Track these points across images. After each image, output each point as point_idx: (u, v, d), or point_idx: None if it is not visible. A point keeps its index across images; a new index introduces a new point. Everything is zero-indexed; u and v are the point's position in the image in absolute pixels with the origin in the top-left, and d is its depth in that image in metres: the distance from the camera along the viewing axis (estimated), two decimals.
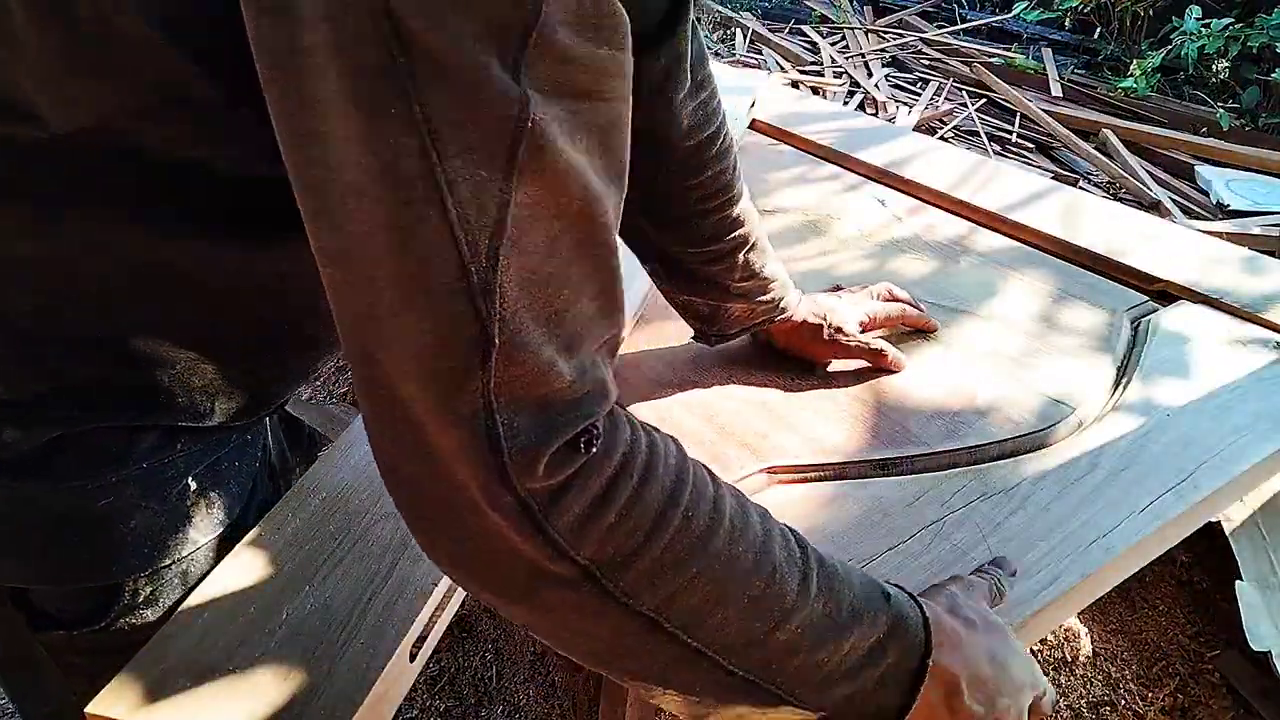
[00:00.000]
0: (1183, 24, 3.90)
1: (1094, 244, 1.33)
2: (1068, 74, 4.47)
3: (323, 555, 0.76)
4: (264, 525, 0.79)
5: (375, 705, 0.66)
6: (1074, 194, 1.50)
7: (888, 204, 1.46)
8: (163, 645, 0.68)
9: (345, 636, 0.69)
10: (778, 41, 4.89)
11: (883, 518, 0.84)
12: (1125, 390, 1.03)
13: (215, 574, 0.74)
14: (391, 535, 0.77)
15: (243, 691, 0.65)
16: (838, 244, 1.33)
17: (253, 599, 0.72)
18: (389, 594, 0.72)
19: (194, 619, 0.70)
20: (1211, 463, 0.92)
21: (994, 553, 0.80)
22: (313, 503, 0.81)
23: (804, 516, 0.84)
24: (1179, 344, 1.11)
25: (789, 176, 1.55)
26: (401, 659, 0.69)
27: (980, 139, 3.79)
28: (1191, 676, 1.54)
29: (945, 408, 0.99)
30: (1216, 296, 1.21)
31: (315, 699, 0.65)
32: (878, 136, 1.71)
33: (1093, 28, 4.71)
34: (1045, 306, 1.19)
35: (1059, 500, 0.86)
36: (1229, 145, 3.63)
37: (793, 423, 0.95)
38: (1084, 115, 3.97)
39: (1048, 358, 1.08)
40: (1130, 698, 1.48)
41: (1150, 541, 0.84)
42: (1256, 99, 3.96)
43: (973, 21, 5.11)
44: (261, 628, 0.70)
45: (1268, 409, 1.00)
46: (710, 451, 0.90)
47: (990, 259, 1.31)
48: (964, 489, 0.88)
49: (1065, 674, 1.48)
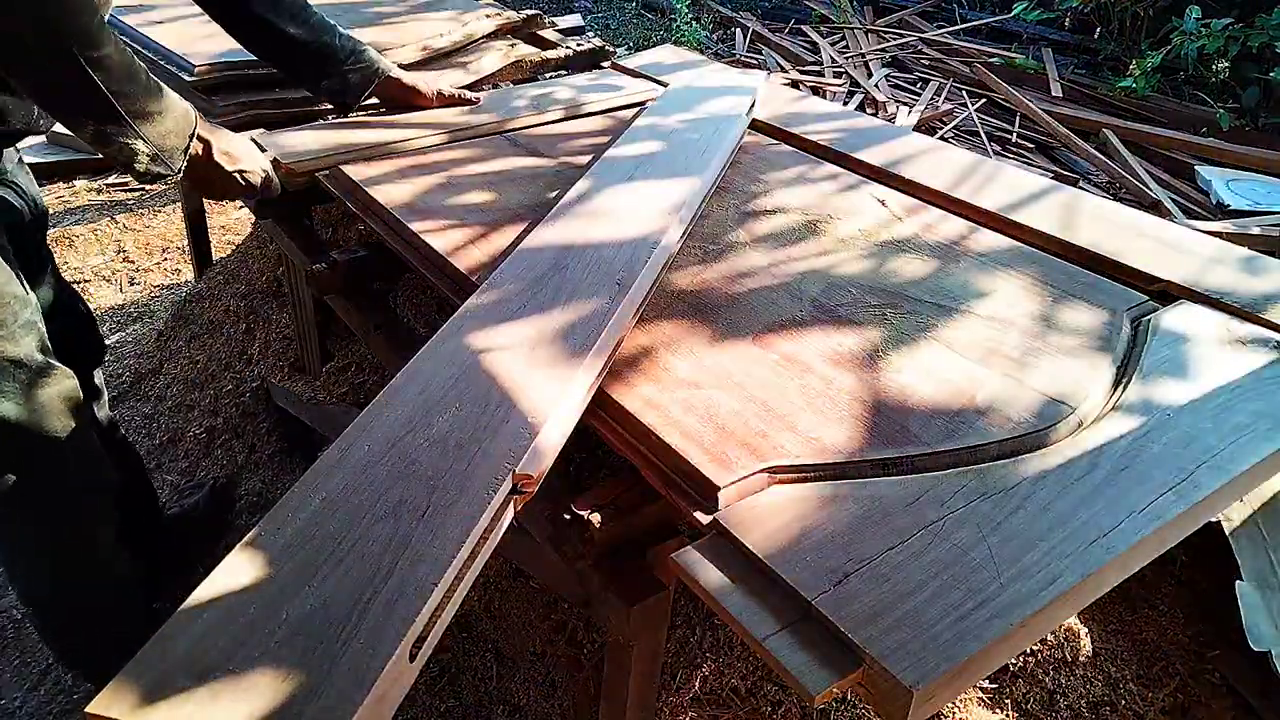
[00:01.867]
0: (1183, 24, 3.90)
1: (1096, 243, 1.33)
2: (1068, 74, 4.47)
3: (323, 555, 0.76)
4: (264, 526, 0.78)
5: (375, 705, 0.66)
6: (1074, 194, 1.50)
7: (888, 204, 1.46)
8: (162, 645, 0.68)
9: (345, 637, 0.69)
10: (778, 41, 4.89)
11: (883, 517, 0.84)
12: (1125, 390, 1.03)
13: (215, 574, 0.74)
14: (391, 535, 0.77)
15: (242, 692, 0.65)
16: (838, 244, 1.33)
17: (253, 599, 0.72)
18: (389, 594, 0.72)
19: (194, 619, 0.70)
20: (1211, 463, 0.92)
21: (994, 553, 0.80)
22: (313, 503, 0.81)
23: (804, 516, 0.84)
24: (1179, 344, 1.11)
25: (789, 176, 1.55)
26: (401, 659, 0.69)
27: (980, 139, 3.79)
28: (1191, 676, 1.54)
29: (945, 407, 0.99)
30: (1216, 296, 1.21)
31: (315, 699, 0.64)
32: (878, 136, 1.71)
33: (1093, 28, 4.70)
34: (1045, 306, 1.19)
35: (1059, 500, 0.86)
36: (1229, 145, 3.63)
37: (793, 423, 0.95)
38: (1084, 115, 3.96)
39: (1048, 358, 1.08)
40: (1130, 698, 1.48)
41: (1150, 541, 0.84)
42: (1256, 99, 3.96)
43: (973, 21, 5.10)
44: (261, 628, 0.69)
45: (1268, 409, 1.00)
46: (710, 451, 0.90)
47: (990, 259, 1.30)
48: (964, 489, 0.87)
49: (1065, 674, 1.48)
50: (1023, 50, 4.69)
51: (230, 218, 3.42)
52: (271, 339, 2.13)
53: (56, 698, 1.65)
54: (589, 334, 1.02)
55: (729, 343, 1.09)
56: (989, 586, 0.76)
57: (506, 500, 0.84)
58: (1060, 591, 0.76)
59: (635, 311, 1.12)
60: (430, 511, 0.79)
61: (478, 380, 0.95)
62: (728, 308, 1.17)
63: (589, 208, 1.32)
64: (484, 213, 1.37)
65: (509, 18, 2.25)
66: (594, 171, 1.45)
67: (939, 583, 0.77)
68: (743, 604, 0.77)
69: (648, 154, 1.51)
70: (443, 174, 1.50)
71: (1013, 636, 0.74)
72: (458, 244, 1.28)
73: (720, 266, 1.26)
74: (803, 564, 0.78)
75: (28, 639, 1.74)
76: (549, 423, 0.89)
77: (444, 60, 2.05)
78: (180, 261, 3.12)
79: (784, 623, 0.75)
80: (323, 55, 1.58)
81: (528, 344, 1.01)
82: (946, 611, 0.74)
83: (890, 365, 1.06)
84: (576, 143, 1.66)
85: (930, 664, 0.69)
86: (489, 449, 0.86)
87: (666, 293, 1.20)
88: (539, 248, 1.21)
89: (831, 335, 1.11)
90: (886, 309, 1.17)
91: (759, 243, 1.33)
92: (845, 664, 0.71)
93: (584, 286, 1.11)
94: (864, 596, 0.75)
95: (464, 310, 1.08)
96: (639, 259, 1.16)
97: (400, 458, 0.85)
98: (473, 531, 0.78)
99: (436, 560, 0.75)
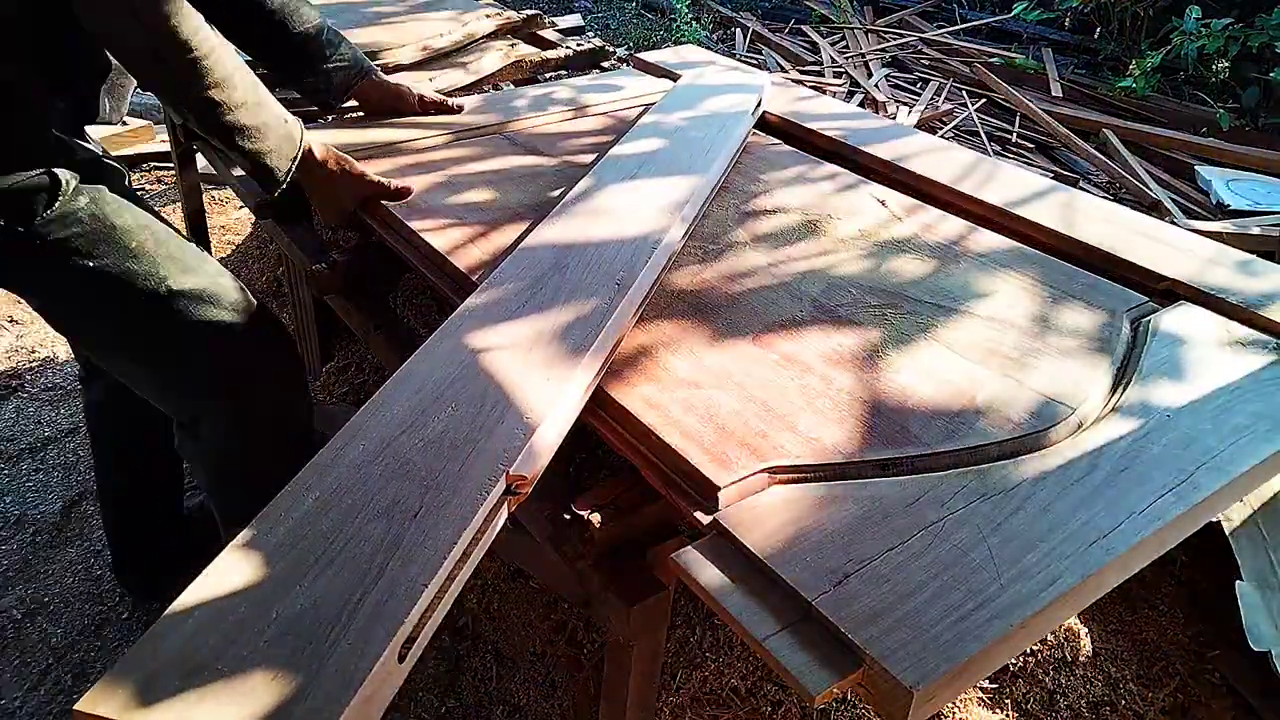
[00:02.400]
0: (1182, 24, 3.90)
1: (1102, 241, 1.33)
2: (1068, 74, 4.46)
3: (314, 555, 0.75)
4: (257, 524, 0.78)
5: (363, 706, 0.65)
6: (1075, 193, 1.50)
7: (888, 204, 1.45)
8: (152, 644, 0.68)
9: (334, 637, 0.68)
10: (778, 41, 4.89)
11: (883, 518, 0.83)
12: (1125, 391, 1.02)
13: (207, 573, 0.73)
14: (383, 535, 0.77)
15: (231, 691, 0.64)
16: (838, 244, 1.33)
17: (244, 598, 0.71)
18: (379, 594, 0.72)
19: (184, 618, 0.70)
20: (1211, 463, 0.91)
21: (994, 553, 0.80)
22: (306, 502, 0.80)
23: (804, 516, 0.84)
24: (1179, 345, 1.11)
25: (789, 176, 1.55)
26: (390, 660, 0.68)
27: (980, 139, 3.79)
28: (1191, 676, 1.53)
29: (945, 408, 0.98)
30: (1220, 296, 1.21)
31: (303, 699, 0.64)
32: (888, 134, 1.71)
33: (1093, 28, 4.70)
34: (1045, 307, 1.19)
35: (1059, 501, 0.86)
36: (1229, 145, 3.63)
37: (793, 423, 0.95)
38: (1084, 115, 3.96)
39: (1047, 358, 1.08)
40: (1130, 698, 1.48)
41: (1150, 542, 0.83)
42: (1256, 99, 3.95)
43: (973, 21, 5.10)
44: (251, 628, 0.69)
45: (1268, 409, 1.00)
46: (710, 451, 0.90)
47: (990, 259, 1.30)
48: (964, 489, 0.87)
49: (1065, 674, 1.47)
50: (1023, 50, 4.68)
51: (230, 218, 3.42)
52: None
53: (56, 698, 1.65)
54: (588, 334, 1.01)
55: (729, 342, 1.09)
56: (989, 587, 0.76)
57: (500, 501, 0.83)
58: (1060, 592, 0.76)
59: (635, 311, 1.12)
60: (423, 512, 0.79)
61: (475, 380, 0.95)
62: (728, 307, 1.16)
63: (590, 206, 1.32)
64: (484, 212, 1.37)
65: (509, 18, 2.25)
66: (596, 170, 1.44)
67: (939, 583, 0.76)
68: (743, 604, 0.76)
69: (650, 152, 1.50)
70: (443, 173, 1.49)
71: (1013, 637, 0.74)
72: (457, 243, 1.28)
73: (720, 266, 1.26)
74: (803, 564, 0.78)
75: (28, 639, 1.74)
76: (545, 423, 0.89)
77: (444, 60, 2.05)
78: None
79: (784, 623, 0.75)
80: (304, 44, 1.53)
81: (526, 344, 1.01)
82: (947, 612, 0.74)
83: (890, 365, 1.05)
84: (578, 141, 1.65)
85: (930, 664, 0.69)
86: (484, 449, 0.86)
87: (666, 292, 1.19)
88: (539, 247, 1.21)
89: (831, 335, 1.11)
90: (886, 309, 1.16)
91: (759, 242, 1.33)
92: (845, 664, 0.71)
93: (584, 286, 1.11)
94: (864, 597, 0.75)
95: (462, 310, 1.08)
96: (639, 258, 1.16)
97: (395, 457, 0.85)
98: (465, 532, 0.78)
99: (428, 561, 0.74)
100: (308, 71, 1.57)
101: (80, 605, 1.81)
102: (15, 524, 1.99)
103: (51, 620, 1.79)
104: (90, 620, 1.79)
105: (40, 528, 1.98)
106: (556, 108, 1.79)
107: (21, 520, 2.00)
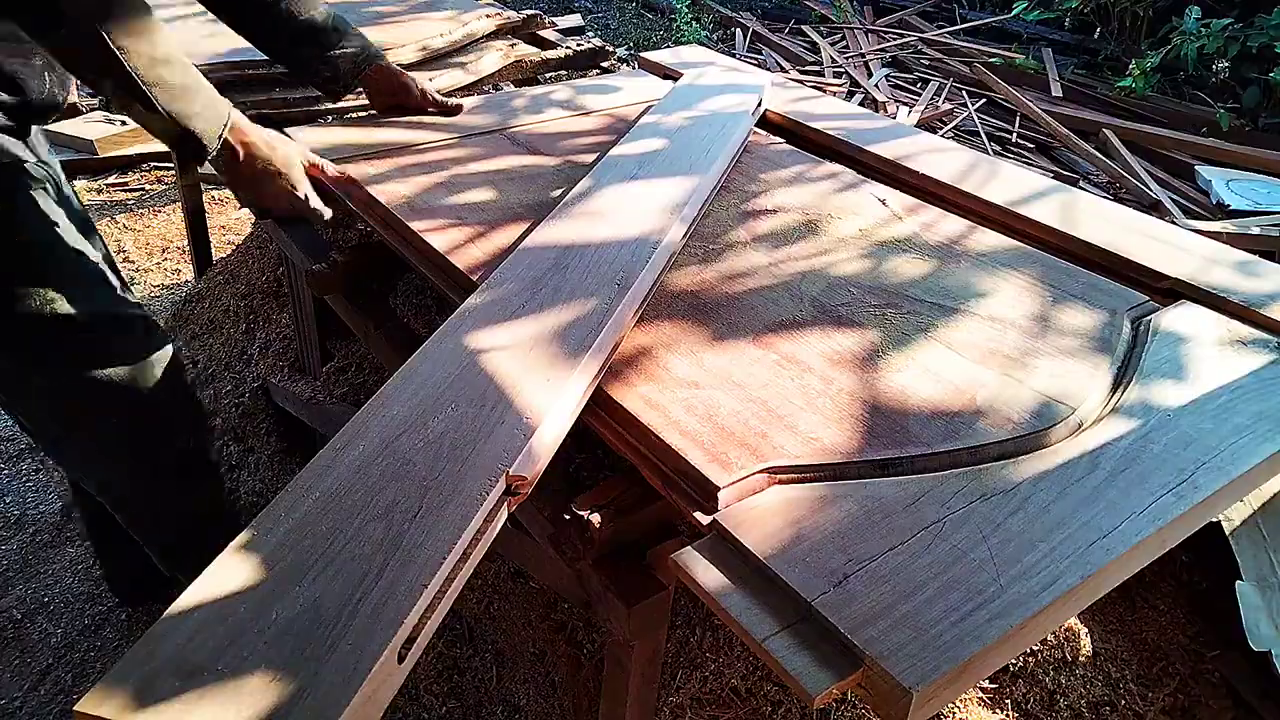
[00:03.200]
0: (1182, 24, 3.90)
1: (1104, 240, 1.33)
2: (1068, 74, 4.46)
3: (314, 555, 0.75)
4: (257, 524, 0.78)
5: (363, 706, 0.65)
6: (1076, 192, 1.50)
7: (888, 203, 1.45)
8: (151, 645, 0.67)
9: (334, 637, 0.68)
10: (778, 41, 4.88)
11: (883, 518, 0.83)
12: (1125, 390, 1.02)
13: (207, 573, 0.73)
14: (383, 537, 0.77)
15: (230, 692, 0.64)
16: (837, 243, 1.33)
17: (243, 599, 0.71)
18: (379, 595, 0.72)
19: (184, 619, 0.69)
20: (1211, 463, 0.91)
21: (994, 554, 0.80)
22: (306, 503, 0.80)
23: (804, 516, 0.84)
24: (1179, 344, 1.11)
25: (788, 175, 1.55)
26: (390, 660, 0.68)
27: (980, 139, 3.79)
28: (1191, 676, 1.53)
29: (945, 408, 0.98)
30: (1222, 295, 1.21)
31: (303, 700, 0.64)
32: (881, 134, 1.71)
33: (1093, 28, 4.70)
34: (1045, 306, 1.19)
35: (1059, 501, 0.86)
36: (1229, 145, 3.63)
37: (792, 423, 0.95)
38: (1084, 115, 3.96)
39: (1048, 357, 1.08)
40: (1130, 698, 1.48)
41: (1150, 542, 0.83)
42: (1256, 99, 3.95)
43: (973, 21, 5.10)
44: (251, 628, 0.69)
45: (1268, 409, 1.00)
46: (710, 452, 0.90)
47: (990, 258, 1.30)
48: (964, 489, 0.87)
49: (1065, 674, 1.47)
50: (1023, 50, 4.68)
51: (230, 218, 3.42)
52: (271, 339, 2.13)
53: (56, 698, 1.65)
54: (588, 334, 1.01)
55: (729, 343, 1.09)
56: (989, 588, 0.76)
57: (500, 502, 0.83)
58: (1060, 593, 0.76)
59: (635, 312, 1.12)
60: (422, 513, 0.79)
61: (474, 380, 0.95)
62: (728, 307, 1.16)
63: (590, 207, 1.32)
64: (484, 212, 1.37)
65: (509, 18, 2.25)
66: (597, 170, 1.44)
67: (939, 584, 0.76)
68: (743, 605, 0.76)
69: (651, 152, 1.50)
70: (443, 173, 1.49)
71: (1013, 637, 0.73)
72: (457, 243, 1.28)
73: (720, 266, 1.26)
74: (803, 565, 0.78)
75: (27, 638, 1.74)
76: (545, 424, 0.89)
77: (444, 60, 2.05)
78: (180, 261, 3.12)
79: (784, 623, 0.74)
80: (313, 30, 1.53)
81: (526, 344, 1.01)
82: (946, 612, 0.74)
83: (890, 365, 1.05)
84: (578, 141, 1.65)
85: (930, 665, 0.69)
86: (483, 450, 0.86)
87: (666, 292, 1.19)
88: (539, 247, 1.21)
89: (831, 335, 1.11)
90: (886, 309, 1.16)
91: (759, 242, 1.33)
92: (845, 665, 0.71)
93: (584, 286, 1.11)
94: (864, 597, 0.75)
95: (462, 310, 1.08)
96: (639, 259, 1.16)
97: (394, 458, 0.85)
98: (464, 533, 0.77)
99: (427, 562, 0.74)
100: (318, 59, 1.56)
101: (80, 605, 1.82)
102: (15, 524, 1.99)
103: (51, 620, 1.79)
104: (90, 620, 1.79)
105: (40, 527, 1.99)
106: (556, 108, 1.79)
107: (21, 520, 2.00)
